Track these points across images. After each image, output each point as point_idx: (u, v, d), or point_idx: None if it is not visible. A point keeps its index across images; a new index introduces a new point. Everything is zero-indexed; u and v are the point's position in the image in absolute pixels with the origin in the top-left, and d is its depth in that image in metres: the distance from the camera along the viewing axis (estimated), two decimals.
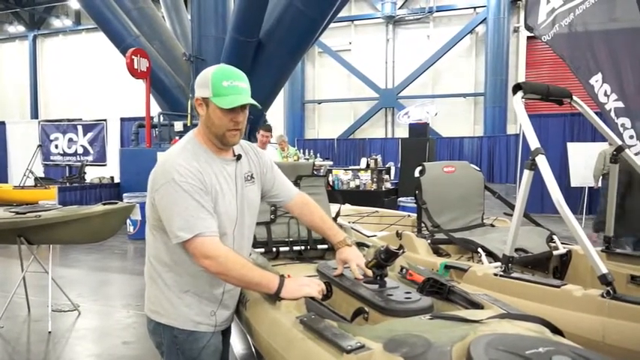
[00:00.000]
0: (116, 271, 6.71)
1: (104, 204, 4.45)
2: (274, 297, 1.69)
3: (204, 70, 1.75)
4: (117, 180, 11.44)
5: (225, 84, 1.65)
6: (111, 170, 12.90)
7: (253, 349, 2.01)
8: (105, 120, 14.22)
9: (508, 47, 18.09)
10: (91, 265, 6.90)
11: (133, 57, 9.99)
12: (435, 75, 19.41)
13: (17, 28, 24.22)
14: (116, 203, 4.49)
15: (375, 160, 9.91)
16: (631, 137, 3.43)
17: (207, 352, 1.78)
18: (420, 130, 10.75)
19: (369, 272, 1.83)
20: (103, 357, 3.82)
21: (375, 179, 9.44)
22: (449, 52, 18.94)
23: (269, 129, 5.98)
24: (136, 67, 10.04)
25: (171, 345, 1.76)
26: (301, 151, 11.51)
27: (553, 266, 2.91)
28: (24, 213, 4.30)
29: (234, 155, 1.80)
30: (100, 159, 14.01)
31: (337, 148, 18.43)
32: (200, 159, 1.71)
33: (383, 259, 1.80)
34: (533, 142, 2.25)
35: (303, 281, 1.72)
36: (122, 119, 14.22)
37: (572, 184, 10.08)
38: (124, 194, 9.06)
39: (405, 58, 19.58)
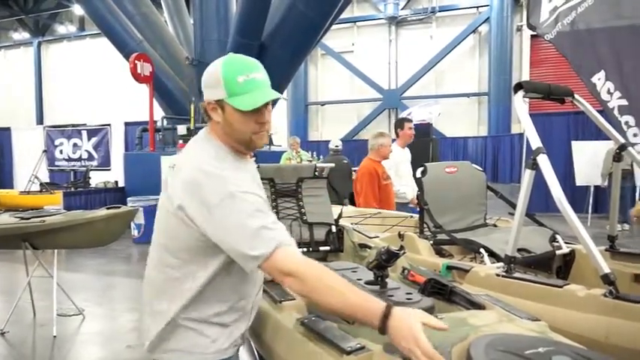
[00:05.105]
0: (121, 275, 6.72)
1: (108, 208, 4.47)
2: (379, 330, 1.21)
3: (209, 65, 1.45)
4: (121, 184, 11.49)
5: (240, 80, 1.38)
6: (115, 175, 12.93)
7: (256, 353, 2.00)
8: (109, 125, 14.27)
9: (512, 46, 18.04)
10: (96, 269, 6.92)
11: (137, 62, 10.02)
12: (439, 75, 19.38)
13: (22, 35, 24.42)
14: (119, 207, 4.51)
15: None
16: (635, 135, 3.41)
17: None
18: (423, 130, 10.70)
19: None
20: None
21: None
22: (452, 52, 18.91)
23: (412, 120, 5.17)
24: (139, 71, 10.08)
25: None
26: (310, 153, 11.48)
27: (556, 266, 2.88)
28: (29, 218, 4.33)
29: (252, 156, 1.63)
30: (105, 164, 14.05)
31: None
32: (226, 162, 1.42)
33: (384, 260, 1.80)
34: (535, 142, 2.24)
35: (414, 328, 1.15)
36: (126, 124, 14.26)
37: (578, 183, 10.01)
38: (129, 198, 9.07)
39: (408, 58, 19.57)
